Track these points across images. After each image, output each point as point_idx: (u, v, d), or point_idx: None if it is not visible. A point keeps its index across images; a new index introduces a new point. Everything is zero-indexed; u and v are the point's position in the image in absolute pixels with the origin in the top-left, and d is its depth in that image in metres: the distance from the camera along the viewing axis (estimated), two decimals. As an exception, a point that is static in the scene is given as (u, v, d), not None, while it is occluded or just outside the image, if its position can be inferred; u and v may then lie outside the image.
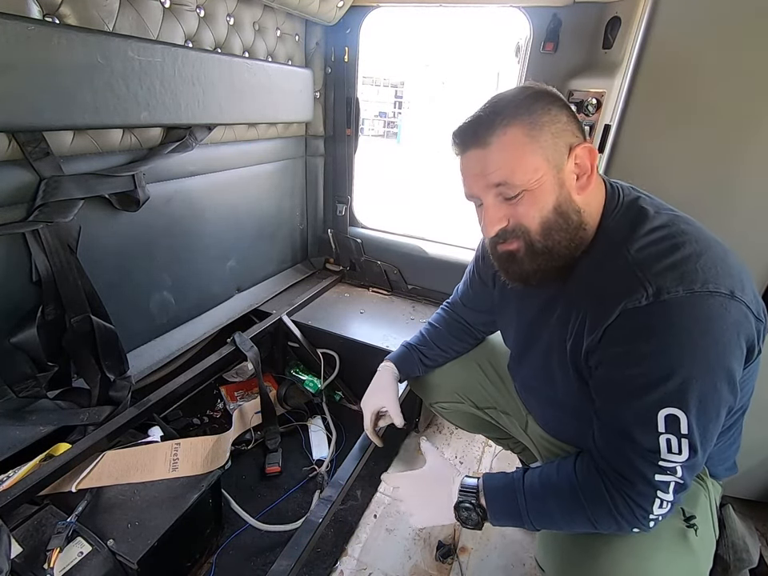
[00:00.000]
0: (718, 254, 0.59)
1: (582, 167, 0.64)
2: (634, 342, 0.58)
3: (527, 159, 0.61)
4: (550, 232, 0.64)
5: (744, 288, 0.57)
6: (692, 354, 0.55)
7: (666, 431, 0.56)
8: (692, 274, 0.56)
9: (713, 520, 0.74)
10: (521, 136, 0.61)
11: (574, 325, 0.67)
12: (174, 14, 1.13)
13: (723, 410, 0.58)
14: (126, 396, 1.17)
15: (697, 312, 0.55)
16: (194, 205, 1.37)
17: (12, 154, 0.90)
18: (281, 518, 1.20)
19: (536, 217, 0.63)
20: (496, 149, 0.61)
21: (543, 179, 0.61)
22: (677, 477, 0.58)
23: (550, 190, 0.62)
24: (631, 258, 0.61)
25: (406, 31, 17.20)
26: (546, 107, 0.62)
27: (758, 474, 1.25)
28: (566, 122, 0.63)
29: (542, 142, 0.61)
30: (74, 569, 0.81)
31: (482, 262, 0.95)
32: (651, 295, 0.56)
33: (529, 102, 0.62)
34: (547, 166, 0.61)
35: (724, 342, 0.55)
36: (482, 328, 1.05)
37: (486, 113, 0.63)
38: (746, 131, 0.96)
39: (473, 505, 0.72)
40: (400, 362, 1.06)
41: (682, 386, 0.55)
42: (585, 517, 0.63)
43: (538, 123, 0.61)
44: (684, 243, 0.59)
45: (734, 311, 0.55)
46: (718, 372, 0.56)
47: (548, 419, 0.89)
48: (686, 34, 0.94)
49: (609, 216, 0.67)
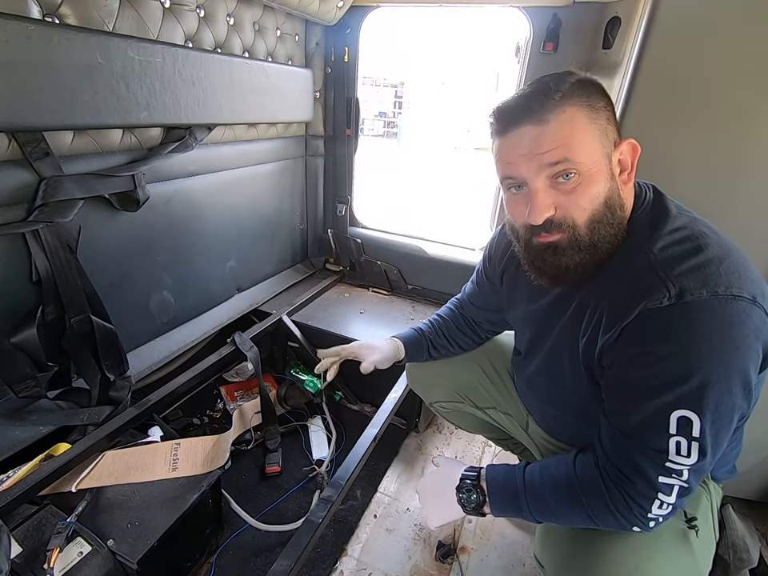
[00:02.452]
0: (738, 259, 0.59)
1: (624, 163, 0.63)
2: (652, 343, 0.57)
3: (587, 140, 0.59)
4: (597, 226, 0.62)
5: (764, 294, 0.57)
6: (711, 358, 0.54)
7: (677, 433, 0.56)
8: (715, 277, 0.55)
9: (713, 522, 0.74)
10: (581, 116, 0.58)
11: (589, 323, 0.66)
12: (174, 13, 1.13)
13: (736, 415, 0.57)
14: (125, 396, 1.17)
15: (719, 315, 0.54)
16: (194, 205, 1.37)
17: (12, 154, 0.90)
18: (281, 517, 1.20)
19: (587, 209, 0.60)
20: (555, 126, 0.58)
21: (599, 165, 0.60)
22: (682, 480, 0.57)
23: (604, 179, 0.60)
24: (654, 257, 0.60)
25: (405, 31, 17.20)
26: (601, 92, 0.61)
27: (758, 474, 1.25)
28: (613, 112, 0.62)
29: (599, 126, 0.59)
30: (74, 569, 0.81)
31: (489, 263, 0.95)
32: (674, 296, 0.55)
33: (585, 85, 0.60)
34: (602, 152, 0.60)
35: (744, 347, 0.54)
36: (488, 327, 1.04)
37: (539, 91, 0.60)
38: (745, 131, 0.96)
39: (473, 485, 0.73)
40: (409, 343, 1.05)
41: (699, 388, 0.54)
42: (583, 510, 0.63)
43: (596, 107, 0.59)
44: (707, 245, 0.58)
45: (755, 317, 0.55)
46: (735, 377, 0.55)
47: (548, 419, 0.89)
48: (685, 33, 0.94)
49: (636, 213, 0.66)
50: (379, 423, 1.15)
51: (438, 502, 0.80)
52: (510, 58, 1.50)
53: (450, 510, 0.77)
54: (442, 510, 0.79)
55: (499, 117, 0.63)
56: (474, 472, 0.76)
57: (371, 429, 1.14)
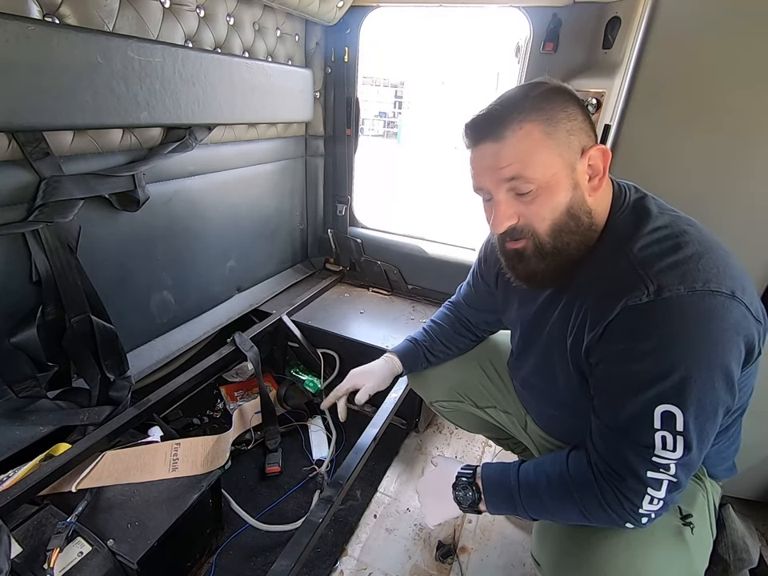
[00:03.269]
0: (719, 255, 0.59)
1: (594, 168, 0.63)
2: (633, 340, 0.58)
3: (542, 155, 0.60)
4: (560, 234, 0.64)
5: (744, 289, 0.57)
6: (691, 352, 0.55)
7: (661, 428, 0.57)
8: (694, 273, 0.56)
9: (710, 520, 0.74)
10: (537, 132, 0.60)
11: (575, 322, 0.67)
12: (174, 13, 1.13)
13: (721, 409, 0.58)
14: (125, 396, 1.17)
15: (697, 311, 0.55)
16: (193, 205, 1.37)
17: (12, 154, 0.90)
18: (281, 517, 1.20)
19: (546, 218, 0.63)
20: (511, 142, 0.60)
21: (557, 177, 0.61)
22: (670, 474, 0.58)
23: (564, 190, 0.62)
24: (633, 256, 0.61)
25: (405, 31, 17.22)
26: (563, 104, 0.61)
27: (757, 474, 1.25)
28: (581, 121, 0.62)
29: (557, 139, 0.60)
30: (74, 569, 0.81)
31: (484, 264, 0.95)
32: (652, 293, 0.56)
33: (546, 98, 0.61)
34: (562, 164, 0.61)
35: (723, 341, 0.55)
36: (484, 327, 1.05)
37: (502, 106, 0.62)
38: (745, 131, 0.96)
39: (469, 483, 0.75)
40: (405, 356, 1.05)
41: (680, 383, 0.55)
42: (575, 506, 0.64)
43: (554, 120, 0.60)
44: (687, 243, 0.59)
45: (734, 311, 0.55)
46: (717, 371, 0.56)
47: (545, 418, 0.89)
48: (686, 33, 0.94)
49: (615, 215, 0.67)
50: (379, 423, 1.16)
51: (435, 501, 0.81)
52: (509, 57, 1.50)
53: (448, 507, 0.78)
54: (439, 508, 0.80)
55: (467, 132, 0.65)
56: (470, 470, 0.77)
57: (371, 429, 1.14)
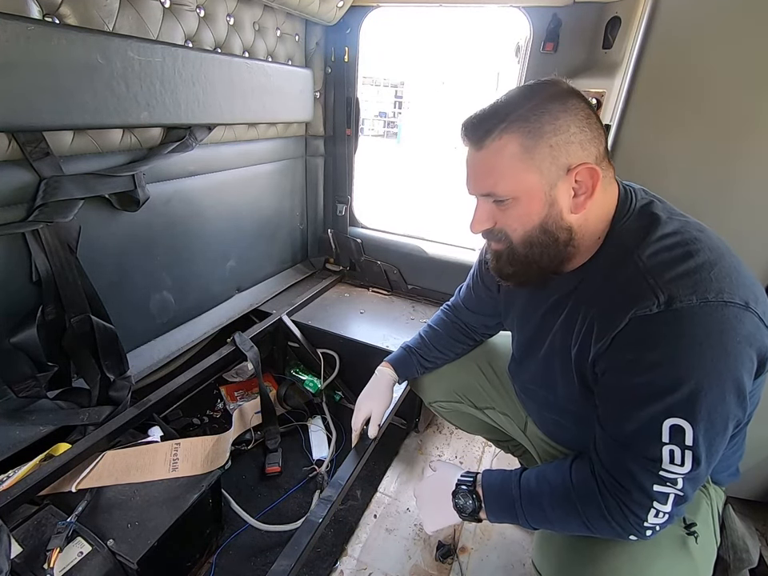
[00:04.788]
0: (731, 263, 0.57)
1: (583, 185, 0.60)
2: (642, 350, 0.56)
3: (515, 171, 0.59)
4: (532, 246, 0.64)
5: (757, 299, 0.55)
6: (702, 365, 0.53)
7: (669, 442, 0.55)
8: (706, 283, 0.54)
9: (714, 527, 0.73)
10: (514, 145, 0.58)
11: (580, 331, 0.66)
12: (174, 13, 1.13)
13: (731, 423, 0.56)
14: (125, 396, 1.17)
15: (710, 322, 0.53)
16: (193, 205, 1.37)
17: (12, 154, 0.90)
18: (281, 517, 1.20)
19: (518, 229, 0.63)
20: (487, 155, 0.60)
21: (531, 193, 0.60)
22: (677, 488, 0.57)
23: (538, 207, 0.61)
24: (642, 264, 0.59)
25: (405, 31, 17.21)
26: (554, 115, 0.57)
27: (758, 474, 1.25)
28: (572, 134, 0.58)
29: (536, 154, 0.58)
30: (74, 569, 0.81)
31: (484, 266, 0.93)
32: (663, 303, 0.55)
33: (539, 107, 0.58)
34: (539, 180, 0.59)
35: (735, 353, 0.53)
36: (483, 331, 1.04)
37: (491, 112, 0.61)
38: (745, 131, 0.96)
39: (469, 491, 0.73)
40: (399, 365, 1.05)
41: (690, 396, 0.54)
42: (578, 518, 0.63)
43: (538, 133, 0.57)
44: (698, 251, 0.57)
45: (747, 323, 0.54)
46: (728, 384, 0.54)
47: (547, 423, 0.88)
48: (686, 33, 0.94)
49: (620, 221, 0.64)
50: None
51: (434, 508, 0.79)
52: (510, 57, 1.50)
53: (446, 515, 0.76)
54: (438, 516, 0.78)
55: (461, 131, 0.65)
56: (470, 477, 0.75)
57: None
